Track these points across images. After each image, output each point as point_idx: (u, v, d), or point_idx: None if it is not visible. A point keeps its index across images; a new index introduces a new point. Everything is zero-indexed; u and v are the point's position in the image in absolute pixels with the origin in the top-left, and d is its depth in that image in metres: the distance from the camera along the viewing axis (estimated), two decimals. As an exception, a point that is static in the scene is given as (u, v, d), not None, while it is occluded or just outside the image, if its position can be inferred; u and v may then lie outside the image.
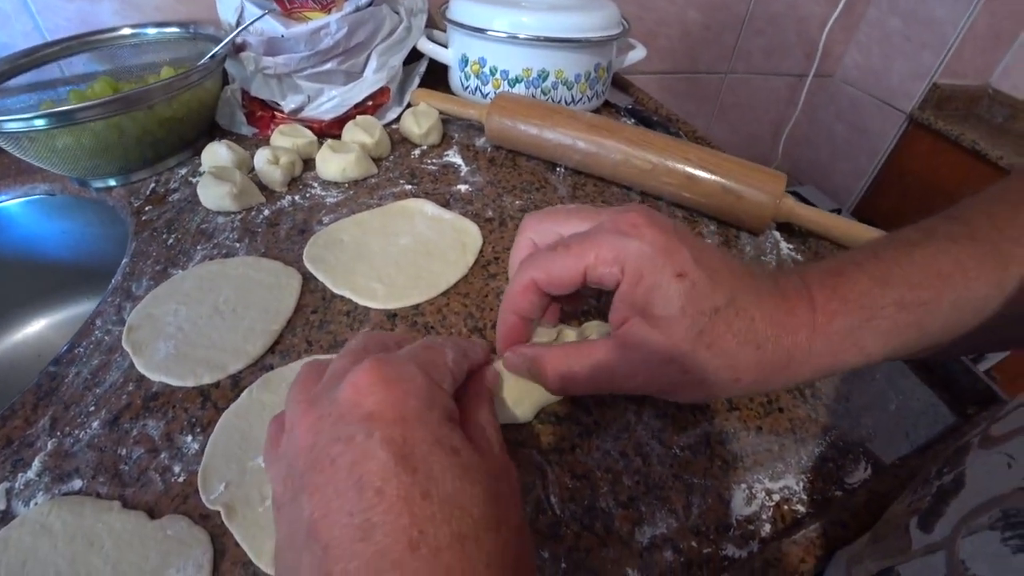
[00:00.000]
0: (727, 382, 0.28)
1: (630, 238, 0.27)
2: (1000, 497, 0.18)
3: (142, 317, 0.37)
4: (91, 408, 0.32)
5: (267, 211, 0.48)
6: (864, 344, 0.28)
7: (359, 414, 0.20)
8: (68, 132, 0.46)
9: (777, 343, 0.27)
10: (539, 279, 0.29)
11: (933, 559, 0.19)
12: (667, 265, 0.26)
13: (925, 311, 0.27)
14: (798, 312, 0.28)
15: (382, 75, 0.57)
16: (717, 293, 0.27)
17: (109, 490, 0.29)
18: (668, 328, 0.27)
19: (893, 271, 0.28)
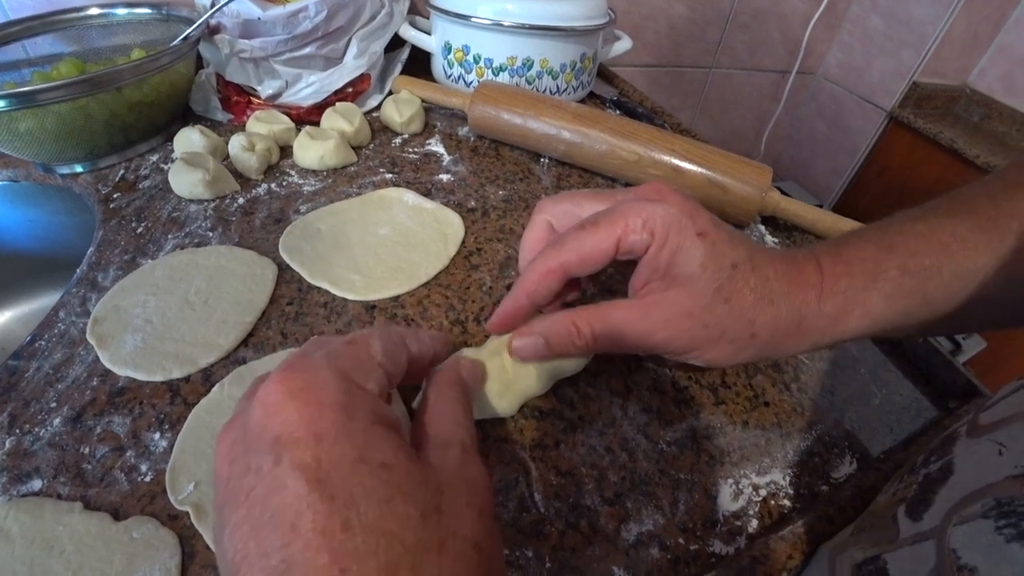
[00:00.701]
0: (744, 338, 0.28)
1: (656, 203, 0.27)
2: (992, 485, 0.17)
3: (108, 309, 0.36)
4: (52, 404, 0.31)
5: (242, 199, 0.46)
6: (869, 306, 0.29)
7: (268, 438, 0.18)
8: (31, 115, 0.44)
9: (790, 301, 0.28)
10: (570, 261, 0.28)
11: (922, 548, 0.19)
12: (690, 226, 0.27)
13: (927, 277, 0.28)
14: (807, 273, 0.29)
15: (363, 61, 0.55)
16: (736, 251, 0.28)
17: (71, 491, 0.27)
18: (689, 284, 0.27)
19: (896, 240, 0.29)
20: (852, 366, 0.38)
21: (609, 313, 0.29)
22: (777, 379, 0.36)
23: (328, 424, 0.18)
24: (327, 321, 0.36)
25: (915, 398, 0.37)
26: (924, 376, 0.39)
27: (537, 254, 0.29)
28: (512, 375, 0.30)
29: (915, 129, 1.06)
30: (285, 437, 0.18)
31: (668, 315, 0.28)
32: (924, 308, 0.29)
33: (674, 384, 0.35)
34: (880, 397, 0.37)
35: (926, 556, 0.19)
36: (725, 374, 0.36)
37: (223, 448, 0.19)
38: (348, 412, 0.19)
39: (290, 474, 0.17)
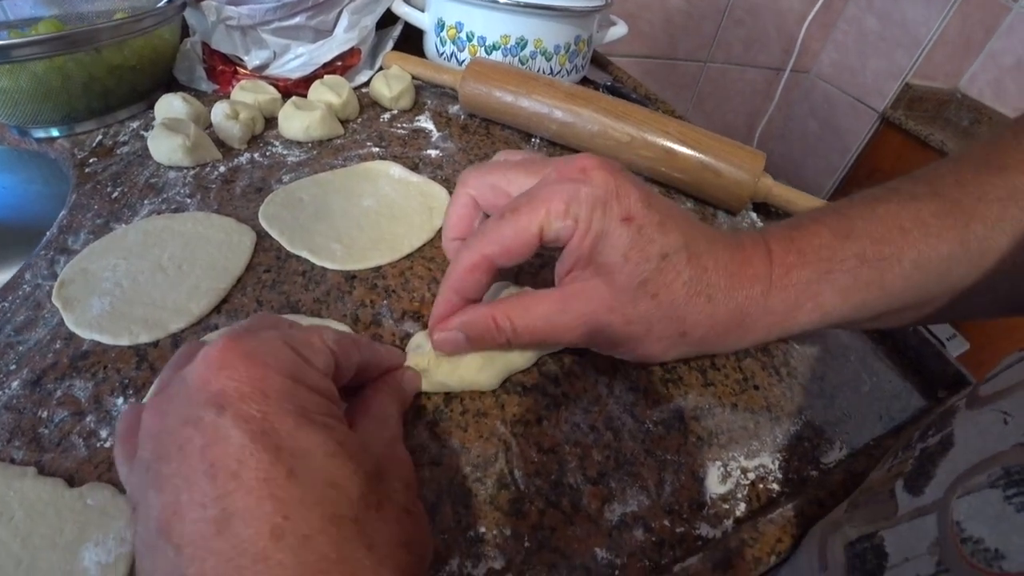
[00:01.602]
0: (673, 337, 0.27)
1: (579, 183, 0.25)
2: (1000, 454, 0.17)
3: (76, 272, 0.34)
4: (12, 367, 0.29)
5: (223, 168, 0.45)
6: (822, 299, 0.27)
7: (211, 391, 0.17)
8: (6, 73, 0.42)
9: (730, 296, 0.26)
10: (493, 254, 0.26)
11: (923, 522, 0.19)
12: (615, 209, 0.24)
13: (886, 267, 0.26)
14: (754, 263, 0.27)
15: (353, 34, 0.54)
16: (667, 238, 0.25)
17: (25, 455, 0.26)
18: (610, 275, 0.25)
19: (855, 225, 0.27)
20: (843, 353, 0.38)
21: (530, 306, 0.27)
22: (767, 363, 0.36)
23: (275, 384, 0.18)
24: (305, 289, 0.35)
25: (904, 387, 0.37)
26: (914, 365, 0.38)
27: (460, 244, 0.28)
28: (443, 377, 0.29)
29: (906, 130, 1.06)
30: (230, 391, 0.17)
31: (587, 308, 0.26)
32: (882, 300, 0.27)
33: (662, 364, 0.34)
34: (870, 385, 0.36)
35: (927, 530, 0.18)
36: (715, 356, 0.35)
37: (153, 404, 0.19)
38: (295, 378, 0.19)
39: (233, 425, 0.16)
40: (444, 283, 0.28)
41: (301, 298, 0.34)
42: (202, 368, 0.18)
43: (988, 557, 0.15)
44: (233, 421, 0.17)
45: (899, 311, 0.28)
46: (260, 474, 0.16)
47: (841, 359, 0.37)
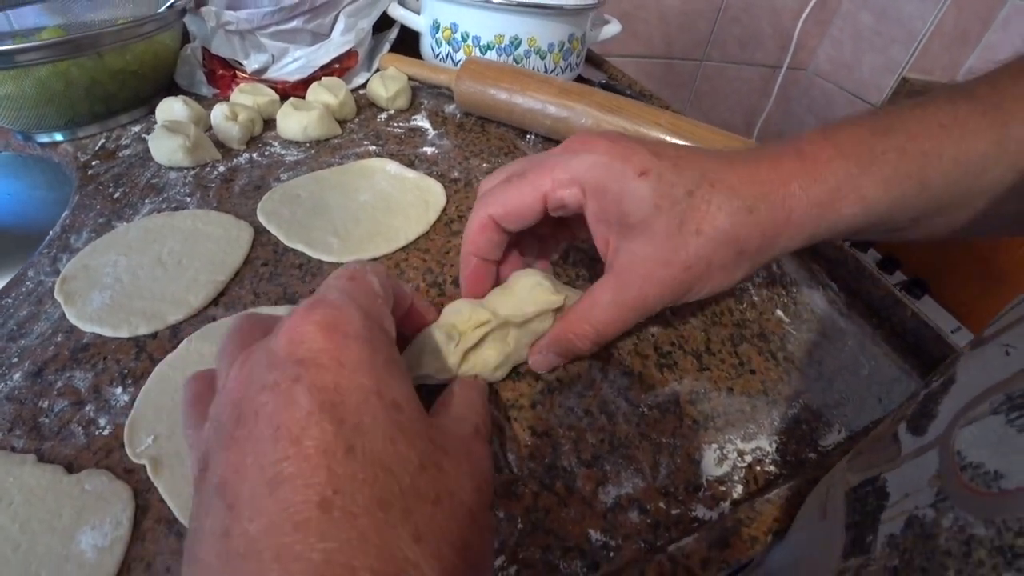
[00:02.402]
0: (733, 259, 0.27)
1: (582, 153, 0.26)
2: (1002, 383, 0.17)
3: (78, 268, 0.35)
4: (14, 359, 0.30)
5: (222, 167, 0.46)
6: (864, 192, 0.26)
7: (292, 360, 0.18)
8: (11, 78, 0.43)
9: (769, 200, 0.26)
10: (496, 214, 0.27)
11: (924, 459, 0.18)
12: (627, 169, 0.25)
13: (926, 161, 0.26)
14: (784, 164, 0.26)
15: (350, 37, 0.55)
16: (685, 175, 0.25)
17: (26, 444, 0.26)
18: (649, 231, 0.25)
19: (894, 123, 0.27)
20: (840, 338, 0.38)
21: (595, 301, 0.28)
22: (763, 348, 0.36)
23: (353, 354, 0.18)
24: (301, 281, 0.35)
25: (904, 370, 0.37)
26: (913, 350, 0.38)
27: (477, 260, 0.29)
28: (512, 351, 0.29)
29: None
30: (309, 360, 0.18)
31: (645, 272, 0.26)
32: (922, 196, 0.27)
33: (657, 349, 0.34)
34: (869, 368, 0.36)
35: (928, 465, 0.18)
36: (710, 341, 0.35)
37: (238, 370, 0.19)
38: (371, 346, 0.19)
39: (305, 393, 0.17)
40: (464, 248, 0.29)
41: (298, 290, 0.35)
42: (285, 340, 0.18)
43: (988, 479, 0.15)
44: (306, 389, 0.17)
45: (937, 213, 0.28)
46: (320, 444, 0.16)
47: (839, 343, 0.37)
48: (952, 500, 0.16)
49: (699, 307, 0.37)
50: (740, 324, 0.37)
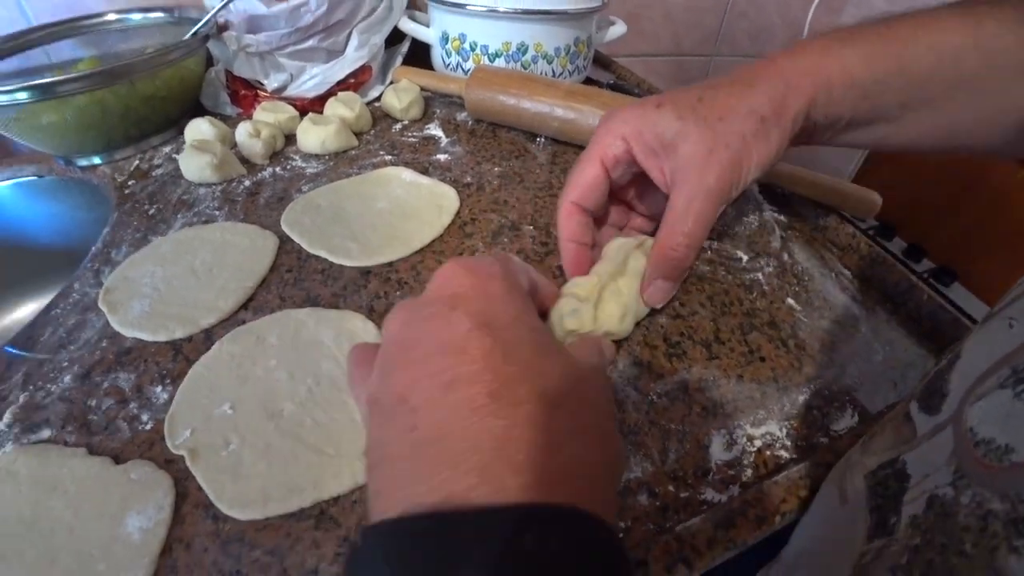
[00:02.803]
0: (758, 125, 0.31)
1: (614, 118, 0.33)
2: (1008, 355, 0.17)
3: (119, 279, 0.38)
4: (64, 364, 0.33)
5: (248, 182, 0.48)
6: (846, 62, 0.30)
7: (446, 295, 0.22)
8: (52, 108, 0.46)
9: (763, 76, 0.31)
10: (574, 197, 0.34)
11: (940, 437, 0.19)
12: (646, 109, 0.32)
13: (902, 46, 0.30)
14: (770, 55, 0.32)
15: (363, 53, 0.57)
16: (691, 92, 0.32)
17: (77, 439, 0.29)
18: (684, 138, 0.31)
19: (875, 21, 0.32)
20: (853, 324, 0.38)
21: (672, 215, 0.32)
22: (773, 336, 0.36)
23: (495, 289, 0.22)
24: (323, 285, 0.37)
25: (920, 354, 0.37)
26: (929, 334, 0.38)
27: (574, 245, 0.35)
28: (627, 298, 0.33)
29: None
30: (461, 293, 0.22)
31: (697, 166, 0.31)
32: (900, 76, 0.30)
33: (666, 340, 0.35)
34: (883, 354, 0.36)
35: (944, 444, 0.18)
36: (719, 331, 0.36)
37: (397, 318, 0.22)
38: (509, 285, 0.23)
39: (463, 317, 0.20)
40: (560, 237, 0.35)
41: (320, 293, 0.37)
42: (438, 282, 0.23)
43: (999, 453, 0.16)
44: (463, 313, 0.20)
45: (922, 103, 0.31)
46: (482, 351, 0.19)
47: (852, 330, 0.37)
48: (968, 478, 0.17)
49: (708, 298, 0.38)
50: (750, 313, 0.38)
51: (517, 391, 0.19)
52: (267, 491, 0.26)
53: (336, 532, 0.25)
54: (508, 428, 0.18)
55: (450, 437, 0.18)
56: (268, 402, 0.30)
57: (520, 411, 0.18)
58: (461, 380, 0.18)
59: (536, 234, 0.43)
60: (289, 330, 0.33)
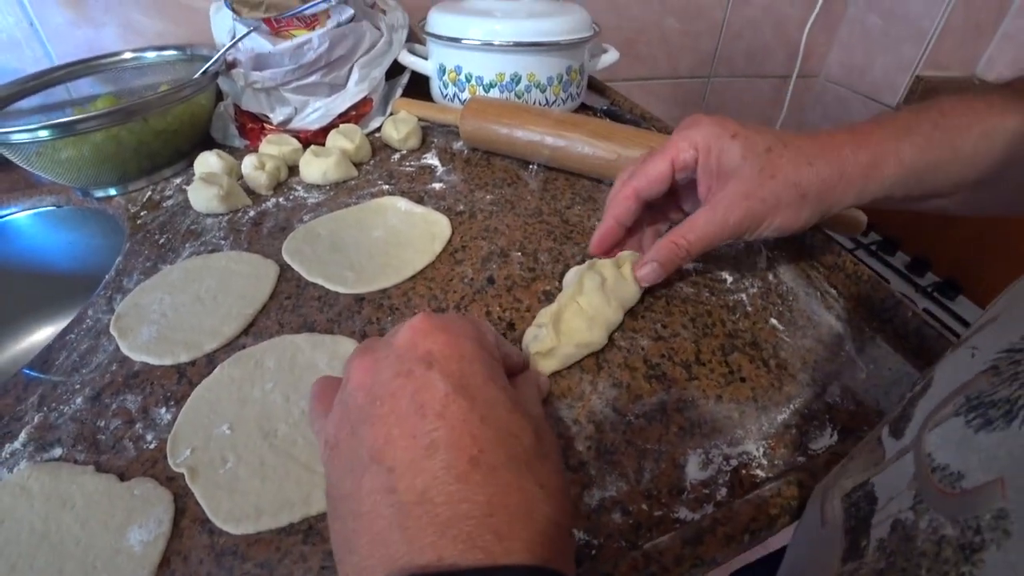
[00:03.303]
0: (797, 200, 0.35)
1: (694, 127, 0.36)
2: (964, 385, 0.18)
3: (129, 306, 0.40)
4: (76, 386, 0.35)
5: (252, 212, 0.51)
6: (902, 155, 0.34)
7: (418, 353, 0.22)
8: (71, 144, 0.49)
9: (825, 158, 0.34)
10: (639, 186, 0.37)
11: (903, 462, 0.20)
12: (724, 133, 0.35)
13: (957, 134, 0.33)
14: (839, 136, 0.35)
15: (364, 86, 0.60)
16: (764, 137, 0.35)
17: (86, 457, 0.31)
18: (738, 174, 0.35)
19: (931, 107, 0.35)
20: (836, 342, 0.38)
21: (693, 223, 0.37)
22: (755, 356, 0.37)
23: (466, 350, 0.23)
24: (319, 312, 0.40)
25: (906, 372, 0.37)
26: (915, 349, 0.38)
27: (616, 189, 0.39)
28: (591, 311, 0.35)
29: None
30: (435, 352, 0.22)
31: (731, 202, 0.35)
32: (954, 163, 0.33)
33: (646, 361, 0.36)
34: (867, 372, 0.36)
35: (906, 468, 0.19)
36: (700, 352, 0.37)
37: (364, 364, 0.23)
38: (480, 344, 0.24)
39: (440, 378, 0.21)
40: (607, 214, 0.40)
41: (316, 319, 0.39)
42: (410, 334, 0.23)
43: (952, 480, 0.16)
44: (440, 374, 0.21)
45: (975, 183, 0.34)
46: (461, 416, 0.20)
47: (835, 348, 0.38)
48: (927, 503, 0.17)
49: (691, 320, 0.39)
50: (732, 334, 0.38)
51: (496, 455, 0.20)
52: (260, 506, 0.28)
53: (322, 546, 0.27)
54: (491, 495, 0.19)
55: (434, 502, 0.18)
56: (264, 422, 0.32)
57: (500, 477, 0.19)
58: (441, 445, 0.19)
59: (524, 260, 0.45)
60: (286, 354, 0.35)
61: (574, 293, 0.36)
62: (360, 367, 0.23)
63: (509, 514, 0.19)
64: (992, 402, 0.16)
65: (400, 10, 0.68)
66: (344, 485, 0.21)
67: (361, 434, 0.21)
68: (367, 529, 0.19)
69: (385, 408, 0.21)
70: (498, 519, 0.18)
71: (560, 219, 0.50)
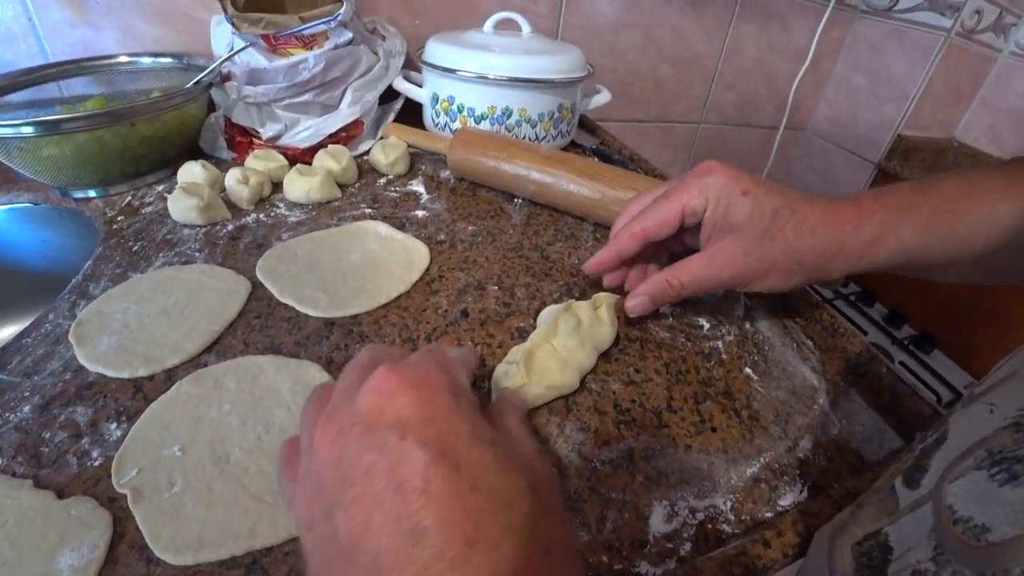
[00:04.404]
0: (792, 266, 0.36)
1: (709, 176, 0.36)
2: (984, 439, 0.18)
3: (92, 313, 0.39)
4: (26, 394, 0.33)
5: (231, 226, 0.50)
6: (902, 235, 0.35)
7: (387, 420, 0.19)
8: (53, 142, 0.49)
9: (828, 232, 0.35)
10: (648, 227, 0.38)
11: (921, 512, 0.20)
12: (736, 188, 0.35)
13: (955, 217, 0.34)
14: (844, 210, 0.36)
15: (356, 109, 0.61)
16: (774, 199, 0.35)
17: (26, 470, 0.29)
18: (740, 230, 0.36)
19: (931, 186, 0.36)
20: (810, 395, 0.38)
21: (689, 267, 0.38)
22: (727, 405, 0.36)
23: (443, 405, 0.20)
24: (288, 333, 0.39)
25: (879, 428, 0.37)
26: (889, 406, 0.39)
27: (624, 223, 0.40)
28: (564, 354, 0.35)
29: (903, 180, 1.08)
30: (406, 416, 0.19)
31: (729, 257, 0.37)
32: (952, 243, 0.34)
33: (616, 406, 0.35)
34: (840, 427, 0.36)
35: (924, 519, 0.19)
36: (672, 399, 0.36)
37: (327, 437, 0.20)
38: (455, 395, 0.21)
39: (416, 447, 0.18)
40: (611, 244, 0.40)
41: (284, 341, 0.38)
42: (374, 398, 0.20)
43: (977, 532, 0.16)
44: (415, 443, 0.18)
45: (969, 259, 0.35)
46: (447, 489, 0.18)
47: (808, 402, 0.38)
48: (949, 554, 0.17)
49: (664, 365, 0.39)
50: (705, 382, 0.38)
51: (492, 529, 0.17)
52: (203, 536, 0.26)
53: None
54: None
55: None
56: (217, 446, 0.31)
57: (501, 554, 0.17)
58: (429, 530, 0.17)
59: (500, 294, 0.44)
60: (248, 376, 0.35)
61: (548, 334, 0.36)
62: (323, 440, 0.20)
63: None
64: (1017, 458, 0.16)
65: (399, 37, 0.69)
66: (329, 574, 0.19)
67: (336, 520, 0.18)
68: None
69: (358, 488, 0.18)
70: None
71: (540, 255, 0.50)
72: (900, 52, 1.07)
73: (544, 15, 0.88)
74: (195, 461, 0.30)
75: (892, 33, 1.08)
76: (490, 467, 0.19)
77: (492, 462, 0.19)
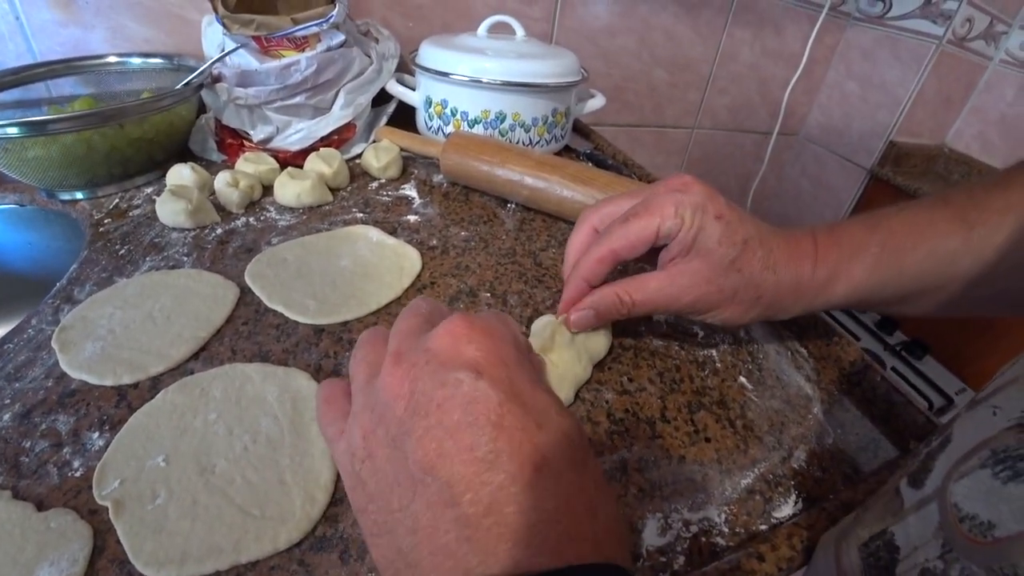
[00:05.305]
0: (751, 300, 0.35)
1: (685, 193, 0.34)
2: (989, 439, 0.19)
3: (76, 319, 0.38)
4: (6, 401, 0.33)
5: (220, 230, 0.50)
6: (853, 274, 0.35)
7: (462, 360, 0.21)
8: (40, 143, 0.48)
9: (789, 269, 0.35)
10: (619, 248, 0.35)
11: (926, 511, 0.20)
12: (710, 210, 0.34)
13: (903, 254, 0.34)
14: (803, 247, 0.36)
15: (348, 111, 0.60)
16: (746, 228, 0.34)
17: (4, 480, 0.28)
18: (709, 256, 0.34)
19: (880, 223, 0.36)
20: (804, 405, 0.38)
21: (645, 283, 0.35)
22: (721, 415, 0.36)
23: (510, 355, 0.22)
24: (276, 341, 0.38)
25: (873, 438, 0.37)
26: (884, 416, 0.39)
27: (588, 247, 0.36)
28: (562, 368, 0.35)
29: (895, 185, 1.10)
30: (480, 359, 0.21)
31: (691, 281, 0.35)
32: (900, 279, 0.34)
33: (610, 416, 0.35)
34: (834, 437, 0.36)
35: (930, 517, 0.20)
36: (666, 409, 0.36)
37: (398, 372, 0.22)
38: (519, 348, 0.24)
39: (491, 386, 0.20)
40: (574, 274, 0.36)
41: (272, 348, 0.37)
42: (450, 340, 0.22)
43: (983, 529, 0.17)
44: (489, 383, 0.20)
45: (918, 294, 0.35)
46: (518, 424, 0.20)
47: (803, 411, 0.38)
48: (957, 551, 0.18)
49: (658, 374, 0.39)
50: (700, 391, 0.38)
51: (557, 462, 0.20)
52: (186, 550, 0.26)
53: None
54: (559, 501, 0.19)
55: (502, 513, 0.18)
56: (202, 456, 0.30)
57: (565, 482, 0.19)
58: (503, 456, 0.19)
59: (492, 301, 0.44)
60: (235, 384, 0.34)
61: (545, 348, 0.35)
62: (394, 375, 0.22)
63: (576, 517, 0.19)
64: (1021, 456, 0.17)
65: (393, 40, 0.68)
66: (391, 500, 0.20)
67: (406, 447, 0.20)
68: (428, 543, 0.19)
69: (431, 420, 0.20)
70: (567, 523, 0.19)
71: (533, 261, 0.50)
72: (892, 59, 1.08)
73: (538, 19, 0.88)
74: (179, 472, 0.29)
75: (884, 40, 1.09)
76: (550, 408, 0.21)
77: (552, 405, 0.22)
